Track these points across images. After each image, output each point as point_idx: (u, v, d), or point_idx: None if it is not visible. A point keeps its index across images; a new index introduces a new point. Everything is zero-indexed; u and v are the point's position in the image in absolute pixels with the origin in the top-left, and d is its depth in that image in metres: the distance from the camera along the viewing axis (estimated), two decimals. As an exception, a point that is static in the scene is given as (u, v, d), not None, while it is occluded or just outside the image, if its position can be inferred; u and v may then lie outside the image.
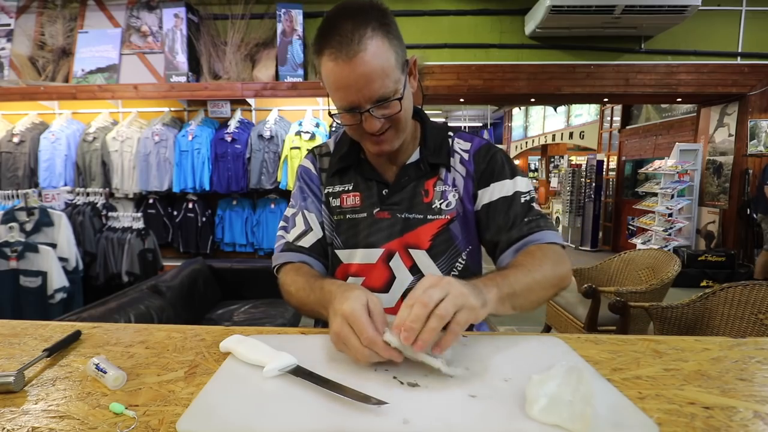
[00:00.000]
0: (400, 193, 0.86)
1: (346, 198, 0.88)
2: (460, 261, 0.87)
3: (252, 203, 4.04)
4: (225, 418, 0.47)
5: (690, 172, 5.04)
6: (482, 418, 0.47)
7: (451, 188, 0.86)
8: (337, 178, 0.90)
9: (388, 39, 0.70)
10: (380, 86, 0.70)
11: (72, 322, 0.83)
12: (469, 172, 0.87)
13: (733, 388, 0.54)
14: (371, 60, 0.67)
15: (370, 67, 0.68)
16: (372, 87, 0.69)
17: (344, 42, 0.67)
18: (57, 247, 2.65)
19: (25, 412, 0.50)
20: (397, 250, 0.85)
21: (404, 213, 0.85)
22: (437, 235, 0.85)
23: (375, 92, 0.70)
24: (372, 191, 0.87)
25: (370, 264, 0.86)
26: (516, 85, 4.28)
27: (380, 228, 0.85)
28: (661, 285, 2.09)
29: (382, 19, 0.70)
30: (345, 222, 0.88)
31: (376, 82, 0.69)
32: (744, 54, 4.27)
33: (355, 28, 0.67)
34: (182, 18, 3.91)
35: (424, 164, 0.87)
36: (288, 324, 2.48)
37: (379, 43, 0.68)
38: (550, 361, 0.53)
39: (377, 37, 0.68)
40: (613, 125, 7.73)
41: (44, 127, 3.97)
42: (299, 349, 0.61)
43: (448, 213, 0.85)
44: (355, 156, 0.90)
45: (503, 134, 13.89)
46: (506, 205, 0.83)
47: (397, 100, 0.72)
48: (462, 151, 0.89)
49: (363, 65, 0.67)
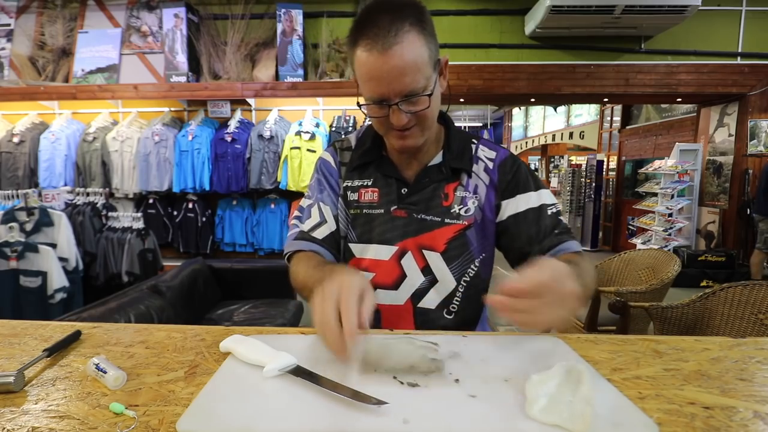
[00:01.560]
0: (419, 193, 0.86)
1: (365, 193, 0.89)
2: (473, 267, 0.87)
3: (252, 203, 4.04)
4: (225, 418, 0.47)
5: (690, 172, 5.04)
6: (482, 418, 0.47)
7: (472, 195, 0.86)
8: (357, 173, 0.91)
9: (423, 35, 0.71)
10: (411, 81, 0.71)
11: (72, 322, 0.83)
12: (493, 181, 0.87)
13: (733, 388, 0.54)
14: (405, 53, 0.69)
15: (403, 60, 0.69)
16: (403, 80, 0.70)
17: (381, 34, 0.68)
18: (57, 247, 2.65)
19: (25, 412, 0.50)
20: (411, 249, 0.85)
21: (421, 214, 0.85)
22: (453, 240, 0.85)
23: (406, 86, 0.71)
24: (391, 188, 0.87)
25: (382, 260, 0.86)
26: (516, 85, 4.28)
27: (396, 226, 0.86)
28: (661, 285, 2.09)
29: (420, 15, 0.71)
30: (361, 216, 0.88)
31: (407, 76, 0.70)
32: (744, 54, 4.27)
33: (392, 21, 0.68)
34: (182, 18, 3.91)
35: (446, 167, 0.87)
36: (288, 324, 2.48)
37: (414, 38, 0.69)
38: (550, 361, 0.53)
39: (413, 32, 0.69)
40: (613, 125, 7.73)
41: (44, 127, 3.97)
42: (299, 349, 0.61)
43: (466, 219, 0.85)
44: (377, 152, 0.90)
45: (503, 134, 13.89)
46: (535, 216, 0.85)
47: (426, 96, 0.73)
48: (487, 159, 0.89)
49: (397, 58, 0.68)
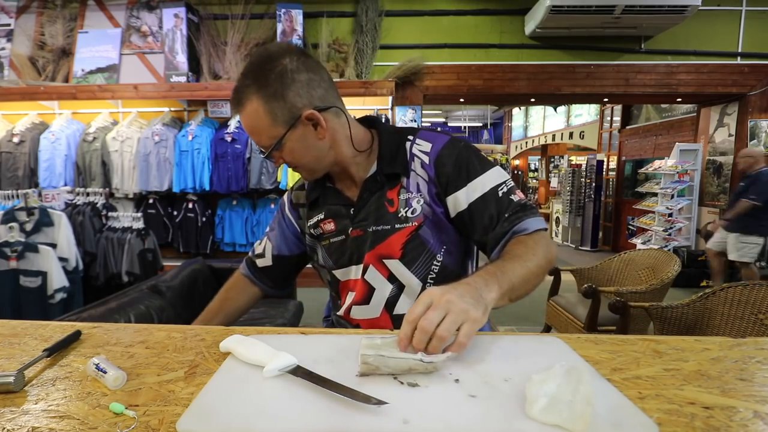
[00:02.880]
0: (364, 209, 0.88)
1: (324, 225, 0.93)
2: (436, 263, 0.87)
3: (252, 203, 4.05)
4: (225, 418, 0.47)
5: (690, 172, 5.04)
6: (482, 418, 0.47)
7: (416, 194, 0.86)
8: (314, 210, 0.95)
9: (266, 101, 0.77)
10: (258, 139, 0.82)
11: (72, 322, 0.83)
12: (431, 177, 0.86)
13: (733, 388, 0.54)
14: (246, 118, 0.80)
15: (247, 123, 0.80)
16: (253, 137, 0.83)
17: (234, 97, 0.81)
18: (57, 247, 2.65)
19: (25, 412, 0.50)
20: (371, 262, 0.87)
21: (372, 226, 0.87)
22: (407, 243, 0.85)
23: (257, 142, 0.83)
24: (341, 214, 0.91)
25: (356, 279, 0.90)
26: (516, 85, 4.28)
27: (358, 245, 0.88)
28: (661, 285, 2.09)
29: (267, 74, 0.77)
30: (331, 245, 0.93)
31: (254, 135, 0.82)
32: (744, 54, 4.28)
33: (241, 87, 0.79)
34: (182, 18, 3.92)
35: (380, 176, 0.87)
36: (288, 324, 2.48)
37: (256, 104, 0.77)
38: (550, 361, 0.53)
39: (257, 97, 0.77)
40: (613, 125, 7.72)
41: (44, 127, 3.98)
42: (299, 349, 0.61)
43: (415, 220, 0.85)
44: (322, 184, 0.94)
45: (503, 134, 13.88)
46: (484, 203, 0.82)
47: (264, 155, 0.83)
48: (422, 153, 0.88)
49: (243, 118, 0.81)
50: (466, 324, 0.57)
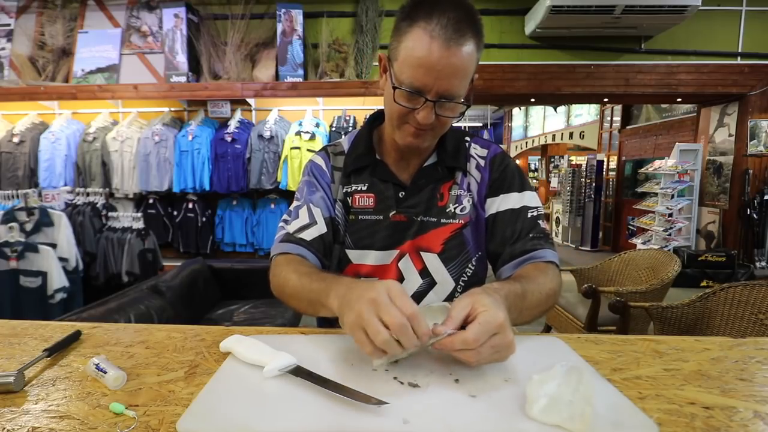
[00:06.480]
0: (417, 195, 0.85)
1: (359, 198, 0.87)
2: (470, 267, 0.87)
3: (252, 203, 4.04)
4: (225, 418, 0.47)
5: (690, 172, 5.04)
6: (482, 418, 0.47)
7: (466, 192, 0.86)
8: (352, 178, 0.89)
9: (478, 48, 0.72)
10: (457, 84, 0.71)
11: (72, 322, 0.83)
12: (484, 178, 0.87)
13: (733, 388, 0.54)
14: (464, 57, 0.69)
15: (460, 62, 0.69)
16: (451, 81, 0.70)
17: (450, 27, 0.67)
18: (57, 247, 2.65)
19: (25, 412, 0.50)
20: (408, 252, 0.85)
21: (420, 216, 0.85)
22: (450, 240, 0.85)
23: (450, 87, 0.71)
24: (388, 193, 0.86)
25: (384, 265, 0.85)
26: (516, 85, 4.28)
27: (396, 230, 0.85)
28: (661, 285, 2.09)
29: (481, 28, 0.72)
30: (357, 223, 0.87)
31: (456, 79, 0.70)
32: (744, 54, 4.27)
33: (462, 22, 0.68)
34: (182, 18, 3.91)
35: (442, 167, 0.87)
36: (288, 324, 2.48)
37: (473, 48, 0.70)
38: (550, 361, 0.53)
39: (474, 41, 0.70)
40: (613, 125, 7.72)
41: (44, 127, 3.97)
42: (299, 349, 0.61)
43: (462, 218, 0.85)
44: (371, 157, 0.89)
45: (503, 134, 13.87)
46: (513, 217, 0.83)
47: (460, 104, 0.74)
48: (478, 156, 0.89)
49: (455, 57, 0.68)
50: (503, 354, 0.56)
